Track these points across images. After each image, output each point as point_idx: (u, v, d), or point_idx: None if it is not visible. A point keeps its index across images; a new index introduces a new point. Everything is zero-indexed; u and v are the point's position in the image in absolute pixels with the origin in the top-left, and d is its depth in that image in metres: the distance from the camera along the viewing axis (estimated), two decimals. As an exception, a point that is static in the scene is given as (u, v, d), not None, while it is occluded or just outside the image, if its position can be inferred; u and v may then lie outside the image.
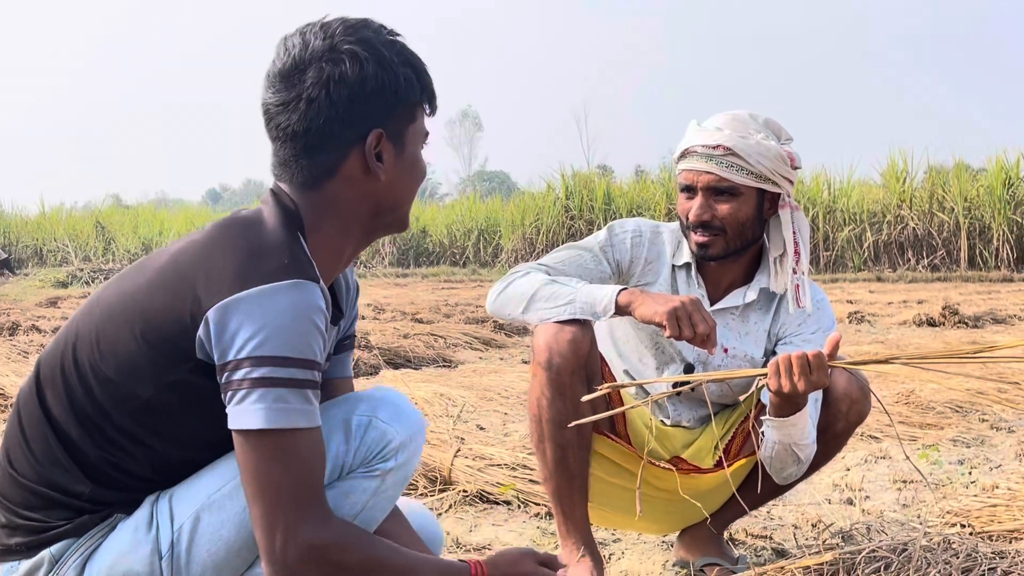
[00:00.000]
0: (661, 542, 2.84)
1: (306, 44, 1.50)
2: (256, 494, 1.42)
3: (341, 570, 1.46)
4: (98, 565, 1.46)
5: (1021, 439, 4.23)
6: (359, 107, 1.50)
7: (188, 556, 1.47)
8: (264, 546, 1.42)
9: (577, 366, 2.25)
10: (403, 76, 1.54)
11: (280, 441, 1.41)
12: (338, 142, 1.51)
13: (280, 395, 1.40)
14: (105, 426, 1.49)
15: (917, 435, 4.33)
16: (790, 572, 2.05)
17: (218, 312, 1.40)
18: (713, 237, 2.35)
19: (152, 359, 1.46)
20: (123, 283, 1.54)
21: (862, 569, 2.07)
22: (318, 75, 1.48)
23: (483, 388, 5.50)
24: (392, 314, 10.94)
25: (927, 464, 3.78)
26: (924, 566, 2.08)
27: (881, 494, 3.38)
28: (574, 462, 2.30)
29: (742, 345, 2.42)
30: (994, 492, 3.26)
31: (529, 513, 3.13)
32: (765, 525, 2.99)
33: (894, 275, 21.06)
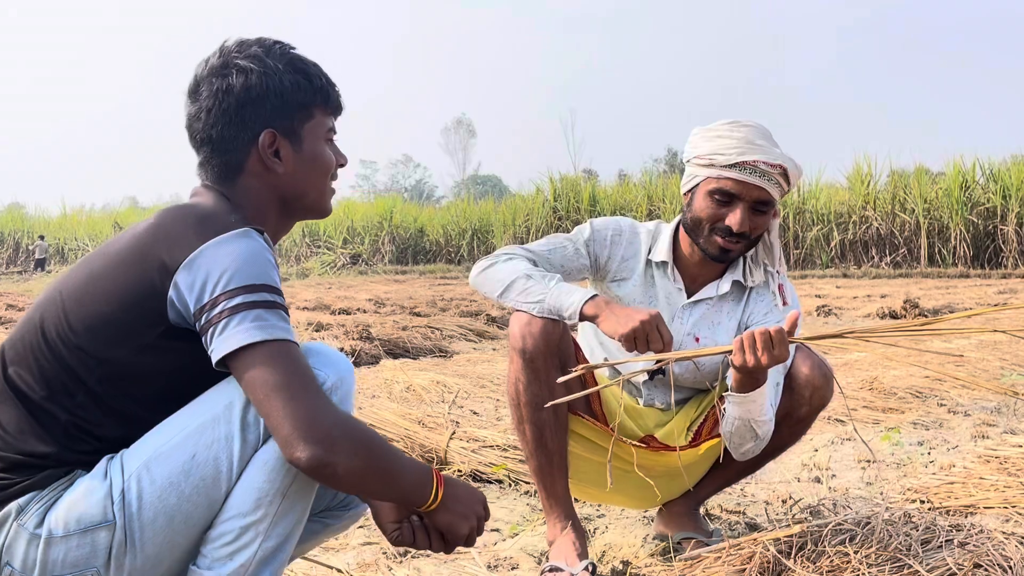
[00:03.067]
0: (642, 517, 2.84)
1: (205, 63, 1.66)
2: (267, 396, 1.45)
3: (365, 444, 1.49)
4: (57, 511, 1.48)
5: (976, 422, 4.24)
6: (248, 111, 1.63)
7: (139, 503, 1.47)
8: (295, 435, 1.43)
9: (549, 352, 2.25)
10: (290, 81, 1.66)
11: (272, 350, 1.46)
12: (237, 143, 1.64)
13: (258, 315, 1.47)
14: (77, 392, 1.52)
15: (880, 419, 4.34)
16: (762, 544, 2.05)
17: (184, 268, 1.48)
18: (740, 244, 2.34)
19: (125, 326, 1.51)
20: (86, 268, 1.59)
21: (828, 541, 2.08)
22: (210, 88, 1.64)
23: (477, 376, 5.50)
24: (392, 308, 10.93)
25: (889, 445, 3.79)
26: (886, 538, 2.08)
27: (847, 473, 3.39)
28: (552, 441, 2.30)
29: (713, 335, 2.43)
30: (951, 470, 3.27)
31: (520, 491, 3.13)
32: (739, 502, 3.00)
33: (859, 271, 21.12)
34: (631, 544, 2.58)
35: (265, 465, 1.51)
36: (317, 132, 1.70)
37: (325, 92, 1.71)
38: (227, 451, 1.50)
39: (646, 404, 2.49)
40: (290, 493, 1.52)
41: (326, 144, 1.73)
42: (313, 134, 1.70)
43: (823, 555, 2.02)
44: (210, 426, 1.51)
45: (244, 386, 1.47)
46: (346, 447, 1.46)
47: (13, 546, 1.47)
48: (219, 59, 1.65)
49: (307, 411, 1.45)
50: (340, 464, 1.45)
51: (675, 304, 2.44)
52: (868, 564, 1.97)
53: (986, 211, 22.22)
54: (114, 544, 1.47)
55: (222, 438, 1.50)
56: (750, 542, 2.08)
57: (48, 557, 1.46)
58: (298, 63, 1.69)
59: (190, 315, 1.50)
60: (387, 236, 29.45)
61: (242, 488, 1.51)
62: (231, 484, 1.51)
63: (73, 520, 1.47)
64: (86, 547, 1.47)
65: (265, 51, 1.66)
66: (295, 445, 1.43)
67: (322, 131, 1.71)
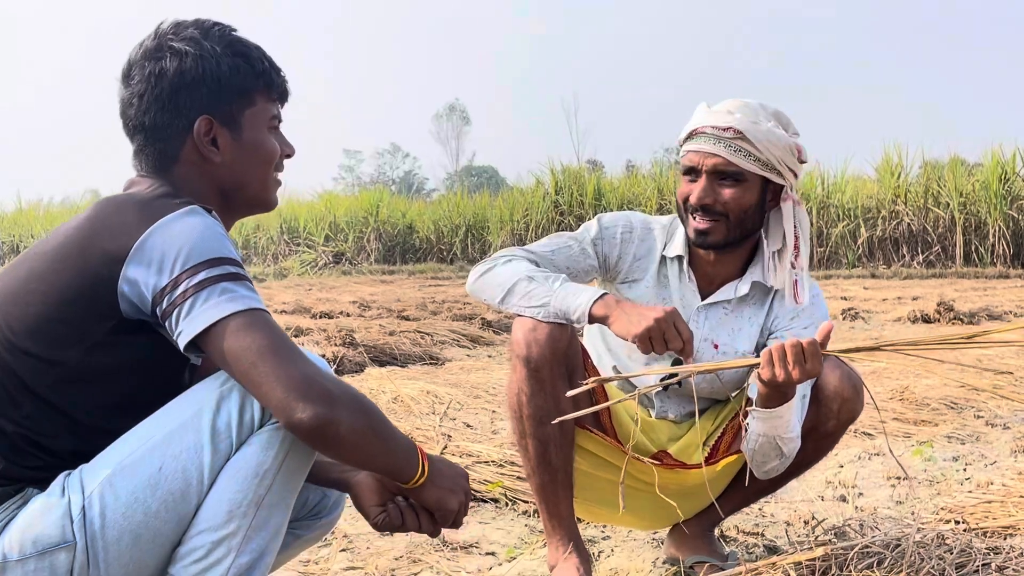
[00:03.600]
0: (651, 539, 2.84)
1: (140, 46, 1.68)
2: (253, 365, 1.47)
3: (362, 403, 1.53)
4: (11, 533, 1.48)
5: (1016, 435, 4.25)
6: (183, 96, 1.65)
7: (102, 521, 1.48)
8: (293, 396, 1.46)
9: (556, 361, 2.24)
10: (228, 65, 1.67)
11: (248, 318, 1.49)
12: (171, 130, 1.66)
13: (224, 288, 1.49)
14: (24, 402, 1.53)
15: (911, 432, 4.35)
16: (781, 568, 2.05)
17: (134, 255, 1.50)
18: (714, 223, 2.32)
19: (73, 324, 1.52)
20: (22, 269, 1.59)
21: (855, 565, 2.08)
22: (142, 72, 1.66)
23: (471, 385, 5.51)
24: (378, 311, 10.93)
25: (921, 461, 3.80)
26: (918, 561, 2.09)
27: (875, 491, 3.39)
28: (556, 458, 2.29)
29: (733, 342, 2.42)
30: (989, 488, 3.27)
31: (517, 511, 3.13)
32: (757, 522, 3.00)
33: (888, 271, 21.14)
34: (639, 569, 2.58)
35: (237, 474, 1.51)
36: (258, 119, 1.72)
37: (268, 76, 1.73)
38: (196, 461, 1.51)
39: (658, 416, 2.48)
40: (265, 503, 1.53)
41: (269, 132, 1.75)
42: (254, 121, 1.72)
43: (849, 580, 2.02)
44: (177, 435, 1.51)
45: (225, 360, 1.49)
46: (348, 403, 1.50)
47: None
48: (153, 41, 1.67)
49: (300, 370, 1.48)
50: (342, 422, 1.48)
51: (689, 306, 2.43)
52: (898, 590, 1.98)
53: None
54: (75, 566, 1.48)
55: (191, 448, 1.51)
56: (769, 566, 2.08)
57: None
58: (238, 46, 1.70)
59: (147, 303, 1.51)
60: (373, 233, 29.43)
61: (213, 500, 1.51)
62: (201, 497, 1.52)
63: (29, 542, 1.47)
64: (44, 571, 1.47)
65: (202, 33, 1.68)
66: (294, 406, 1.46)
67: (264, 118, 1.73)
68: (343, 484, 1.79)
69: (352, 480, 1.76)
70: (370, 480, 1.74)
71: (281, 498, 1.56)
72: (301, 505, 1.84)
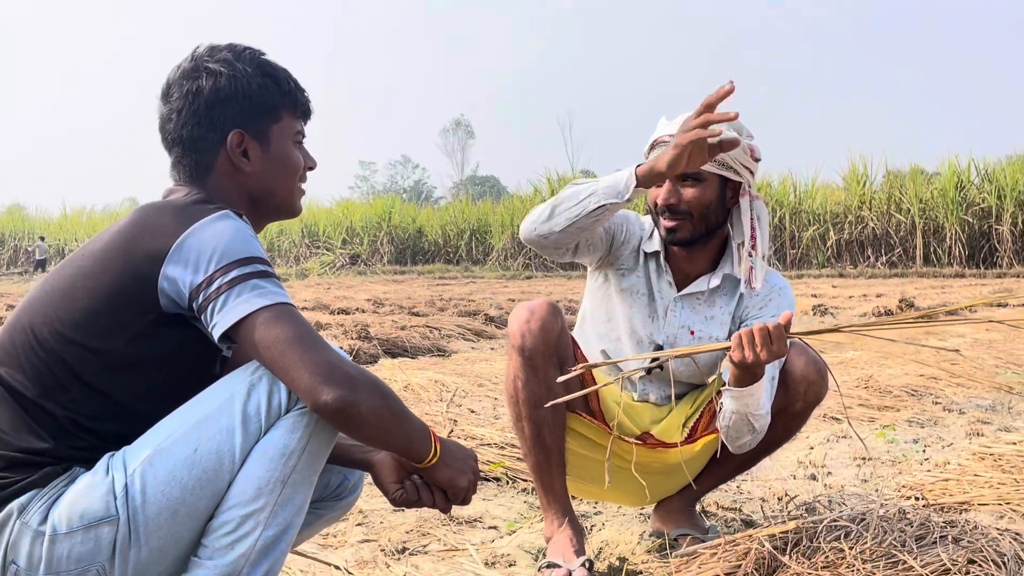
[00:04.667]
0: (639, 514, 2.84)
1: (178, 67, 1.71)
2: (282, 353, 1.49)
3: (380, 387, 1.54)
4: (60, 508, 1.49)
5: (971, 420, 4.25)
6: (217, 111, 1.67)
7: (143, 497, 1.48)
8: (318, 380, 1.48)
9: (548, 350, 2.26)
10: (258, 84, 1.70)
11: (277, 311, 1.51)
12: (206, 143, 1.68)
13: (255, 284, 1.51)
14: (70, 386, 1.53)
15: (875, 416, 4.35)
16: (757, 540, 2.05)
17: (173, 254, 1.52)
18: (680, 221, 2.34)
19: (116, 317, 1.53)
20: (71, 267, 1.61)
21: (824, 537, 2.08)
22: (181, 90, 1.68)
23: (475, 375, 5.50)
24: (390, 308, 10.93)
25: (884, 443, 3.80)
26: (881, 534, 2.08)
27: (842, 470, 3.39)
28: (550, 438, 2.30)
29: (707, 328, 2.43)
30: (946, 468, 3.27)
31: (517, 489, 3.13)
32: (735, 499, 3.00)
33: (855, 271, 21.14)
34: (627, 541, 2.58)
35: (265, 455, 1.52)
36: (285, 134, 1.74)
37: (293, 96, 1.75)
38: (229, 443, 1.51)
39: (640, 399, 2.49)
40: (290, 481, 1.53)
41: (294, 146, 1.76)
42: (281, 136, 1.74)
43: (818, 551, 2.02)
44: (211, 419, 1.52)
45: (256, 350, 1.50)
46: (368, 387, 1.52)
47: (17, 544, 1.48)
48: (190, 63, 1.70)
49: (325, 357, 1.50)
50: (363, 404, 1.50)
51: (667, 297, 2.44)
52: (863, 560, 1.97)
53: (981, 211, 22.24)
54: (118, 539, 1.48)
55: (223, 430, 1.52)
56: (746, 538, 2.08)
57: (53, 554, 1.47)
58: (267, 67, 1.73)
59: (184, 298, 1.52)
60: (386, 236, 29.44)
61: (243, 478, 1.52)
62: (233, 475, 1.52)
63: (76, 516, 1.48)
64: (90, 543, 1.48)
65: (235, 56, 1.71)
66: (320, 390, 1.48)
67: (290, 133, 1.75)
68: (364, 464, 1.80)
69: (373, 459, 1.77)
70: (389, 460, 1.75)
71: (305, 477, 1.56)
72: (323, 487, 1.84)
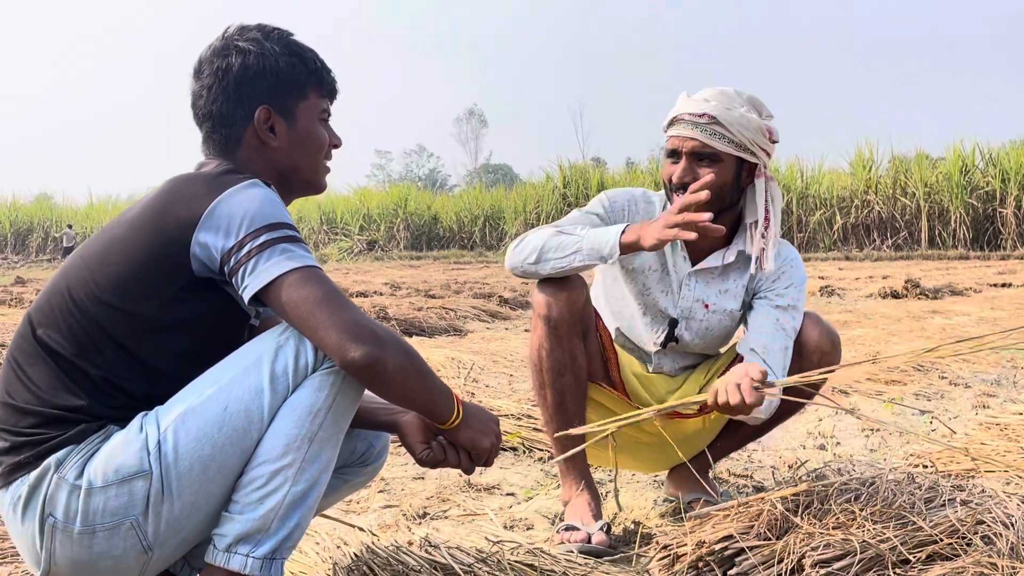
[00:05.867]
0: (652, 481, 2.84)
1: (209, 46, 1.73)
2: (311, 313, 1.50)
3: (405, 345, 1.55)
4: (95, 462, 1.50)
5: (977, 393, 4.23)
6: (246, 88, 1.69)
7: (175, 453, 1.50)
8: (346, 338, 1.49)
9: (573, 319, 2.26)
10: (285, 63, 1.71)
11: (305, 274, 1.52)
12: (235, 118, 1.70)
13: (284, 248, 1.53)
14: (105, 347, 1.55)
15: (883, 390, 4.33)
16: (769, 502, 2.05)
17: (204, 220, 1.53)
18: None
19: (150, 282, 1.55)
20: (107, 235, 1.63)
21: (834, 499, 2.07)
22: (211, 68, 1.70)
23: (490, 353, 5.51)
24: (407, 291, 10.95)
25: (891, 414, 3.79)
26: (891, 496, 2.08)
27: (851, 440, 3.38)
28: (572, 407, 2.30)
29: (721, 301, 2.41)
30: (953, 437, 3.26)
31: (533, 458, 3.13)
32: (746, 467, 3.00)
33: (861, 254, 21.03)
34: (642, 506, 2.58)
35: (293, 412, 1.53)
36: (311, 112, 1.75)
37: (319, 75, 1.76)
38: (257, 402, 1.52)
39: (655, 371, 2.48)
40: (317, 439, 1.55)
41: (320, 124, 1.77)
42: (307, 113, 1.74)
43: (829, 512, 2.02)
44: (241, 379, 1.54)
45: (285, 311, 1.52)
46: (393, 344, 1.53)
47: (55, 497, 1.50)
48: (221, 42, 1.72)
49: (352, 316, 1.52)
50: (389, 360, 1.51)
51: (681, 272, 2.42)
52: (873, 521, 1.97)
53: (985, 194, 22.06)
54: (151, 493, 1.50)
55: (252, 390, 1.53)
56: (758, 500, 2.08)
57: (89, 506, 1.49)
58: (294, 47, 1.74)
59: (215, 263, 1.54)
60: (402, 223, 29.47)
61: (271, 436, 1.53)
62: (261, 433, 1.53)
63: (112, 470, 1.49)
64: (124, 496, 1.49)
65: (264, 35, 1.72)
66: (347, 347, 1.50)
67: (316, 111, 1.76)
68: (391, 426, 1.80)
69: (400, 421, 1.78)
70: (415, 421, 1.76)
71: (331, 434, 1.57)
72: (350, 453, 1.86)
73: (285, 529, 1.55)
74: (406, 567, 1.83)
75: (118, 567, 1.53)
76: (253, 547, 1.54)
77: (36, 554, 1.53)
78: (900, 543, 1.88)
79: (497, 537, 2.18)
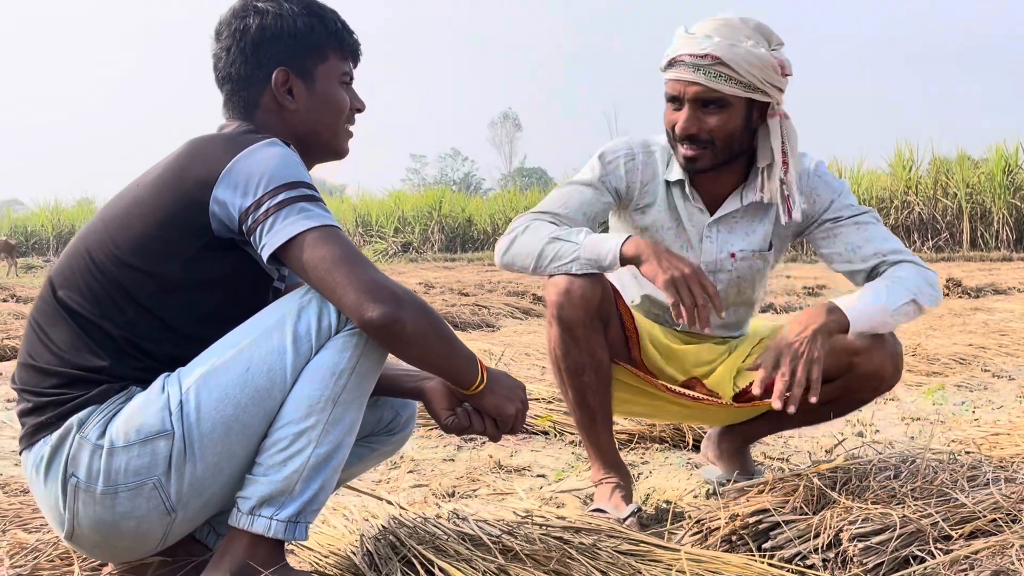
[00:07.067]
0: (687, 463, 2.80)
1: (230, 8, 1.71)
2: (329, 272, 1.48)
3: (424, 306, 1.52)
4: (117, 422, 1.49)
5: (1021, 384, 4.13)
6: (263, 50, 1.66)
7: (198, 414, 1.49)
8: (365, 297, 1.47)
9: (588, 317, 2.13)
10: (303, 23, 1.68)
11: (323, 233, 1.50)
12: (253, 80, 1.67)
13: (302, 207, 1.50)
14: (127, 308, 1.54)
15: (923, 382, 4.24)
16: (806, 477, 2.00)
17: (223, 179, 1.51)
18: (701, 150, 2.15)
19: (171, 242, 1.54)
20: (127, 197, 1.61)
21: (873, 476, 2.02)
22: (230, 29, 1.68)
23: (522, 345, 5.49)
24: (440, 290, 10.94)
25: (932, 404, 3.70)
26: (931, 474, 2.02)
27: (890, 429, 3.31)
28: (594, 401, 2.22)
29: (748, 244, 2.28)
30: (996, 424, 3.18)
31: (564, 441, 3.10)
32: (782, 451, 2.94)
33: (901, 256, 20.65)
34: (675, 488, 2.54)
35: (316, 374, 1.52)
36: (331, 74, 1.71)
37: (339, 35, 1.72)
38: (280, 363, 1.51)
39: (682, 329, 2.35)
40: (341, 400, 1.53)
41: (341, 87, 1.73)
42: (327, 76, 1.71)
43: (868, 489, 1.96)
44: (263, 340, 1.52)
45: (304, 270, 1.50)
46: (412, 304, 1.50)
47: (77, 457, 1.50)
48: (240, 3, 1.70)
49: (371, 276, 1.49)
50: (408, 320, 1.49)
51: (699, 224, 2.27)
52: (913, 497, 1.91)
53: (1029, 195, 21.63)
54: (173, 453, 1.49)
55: (275, 350, 1.51)
56: (793, 475, 2.03)
57: (111, 466, 1.48)
58: (314, 7, 1.71)
59: (234, 222, 1.52)
60: (436, 226, 29.54)
61: (295, 397, 1.51)
62: (285, 394, 1.52)
63: (133, 430, 1.48)
64: (146, 456, 1.48)
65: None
66: (365, 306, 1.47)
67: (336, 73, 1.72)
68: (416, 392, 1.77)
69: (425, 387, 1.74)
70: (440, 387, 1.72)
71: (355, 397, 1.55)
72: (376, 422, 1.84)
73: (309, 491, 1.54)
74: (433, 537, 1.80)
75: (141, 528, 1.52)
76: (277, 509, 1.53)
77: (59, 515, 1.53)
78: (942, 519, 1.83)
79: (526, 512, 2.15)
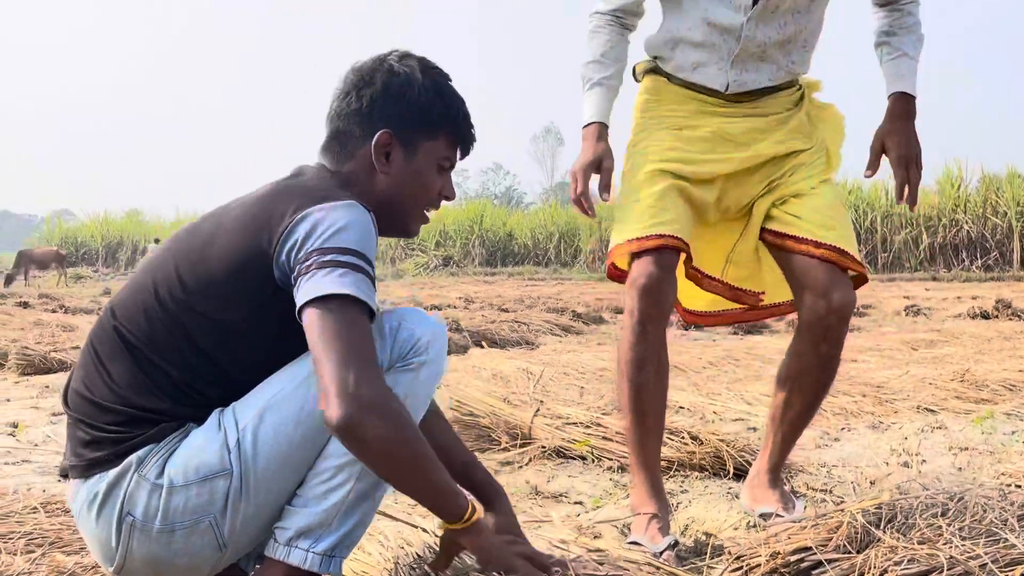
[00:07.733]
0: (727, 493, 2.75)
1: (372, 58, 1.73)
2: (328, 347, 1.42)
3: (399, 418, 1.44)
4: (175, 461, 1.50)
5: (1075, 414, 4.01)
6: (378, 107, 1.66)
7: (254, 450, 1.49)
8: (335, 387, 1.40)
9: (662, 316, 2.20)
10: (427, 98, 1.68)
11: (345, 308, 1.45)
12: (357, 132, 1.67)
13: (344, 273, 1.47)
14: (185, 349, 1.54)
15: (972, 409, 4.14)
16: (849, 514, 1.95)
17: (291, 230, 1.50)
18: None
19: (237, 289, 1.53)
20: (197, 235, 1.60)
21: (920, 514, 1.97)
22: (357, 78, 1.69)
23: (561, 365, 5.46)
24: (480, 304, 10.98)
25: (981, 433, 3.61)
26: (980, 512, 1.96)
27: (937, 459, 3.23)
28: (648, 402, 2.23)
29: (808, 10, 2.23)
30: (1048, 457, 3.08)
31: (602, 467, 3.07)
32: (825, 482, 2.88)
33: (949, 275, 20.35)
34: (714, 519, 2.49)
35: None
36: (434, 153, 1.71)
37: (457, 122, 1.72)
38: None
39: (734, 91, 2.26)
40: None
41: (438, 169, 1.72)
42: (429, 153, 1.70)
43: (913, 527, 1.91)
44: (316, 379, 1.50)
45: (311, 333, 1.45)
46: (378, 412, 1.41)
47: (135, 496, 1.50)
48: (381, 57, 1.72)
49: (352, 372, 1.41)
50: (370, 430, 1.40)
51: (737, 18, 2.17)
52: (961, 536, 1.86)
53: (1083, 214, 21.15)
54: (231, 491, 1.50)
55: None
56: (837, 512, 1.98)
57: (169, 505, 1.49)
58: (445, 89, 1.72)
59: (289, 269, 1.51)
60: (477, 239, 29.64)
61: None
62: None
63: (192, 469, 1.49)
64: (205, 495, 1.49)
65: (421, 68, 1.70)
66: (329, 402, 1.40)
67: (439, 155, 1.71)
68: None
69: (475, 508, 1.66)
70: None
71: None
72: None
73: (347, 526, 1.54)
74: (467, 568, 1.79)
75: (193, 563, 1.53)
76: (314, 542, 1.52)
77: (110, 551, 1.53)
78: (990, 560, 1.77)
79: (563, 542, 2.13)
